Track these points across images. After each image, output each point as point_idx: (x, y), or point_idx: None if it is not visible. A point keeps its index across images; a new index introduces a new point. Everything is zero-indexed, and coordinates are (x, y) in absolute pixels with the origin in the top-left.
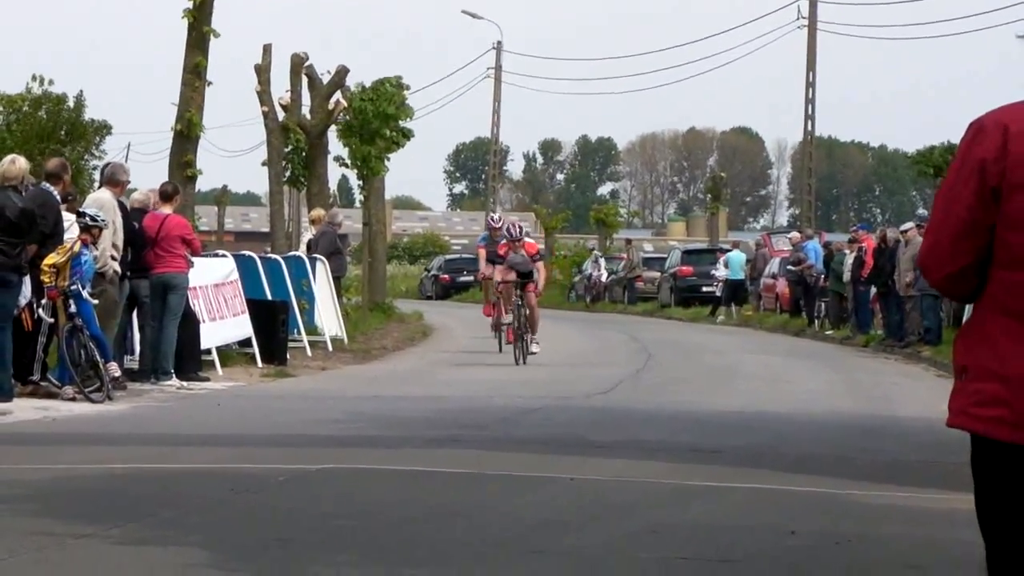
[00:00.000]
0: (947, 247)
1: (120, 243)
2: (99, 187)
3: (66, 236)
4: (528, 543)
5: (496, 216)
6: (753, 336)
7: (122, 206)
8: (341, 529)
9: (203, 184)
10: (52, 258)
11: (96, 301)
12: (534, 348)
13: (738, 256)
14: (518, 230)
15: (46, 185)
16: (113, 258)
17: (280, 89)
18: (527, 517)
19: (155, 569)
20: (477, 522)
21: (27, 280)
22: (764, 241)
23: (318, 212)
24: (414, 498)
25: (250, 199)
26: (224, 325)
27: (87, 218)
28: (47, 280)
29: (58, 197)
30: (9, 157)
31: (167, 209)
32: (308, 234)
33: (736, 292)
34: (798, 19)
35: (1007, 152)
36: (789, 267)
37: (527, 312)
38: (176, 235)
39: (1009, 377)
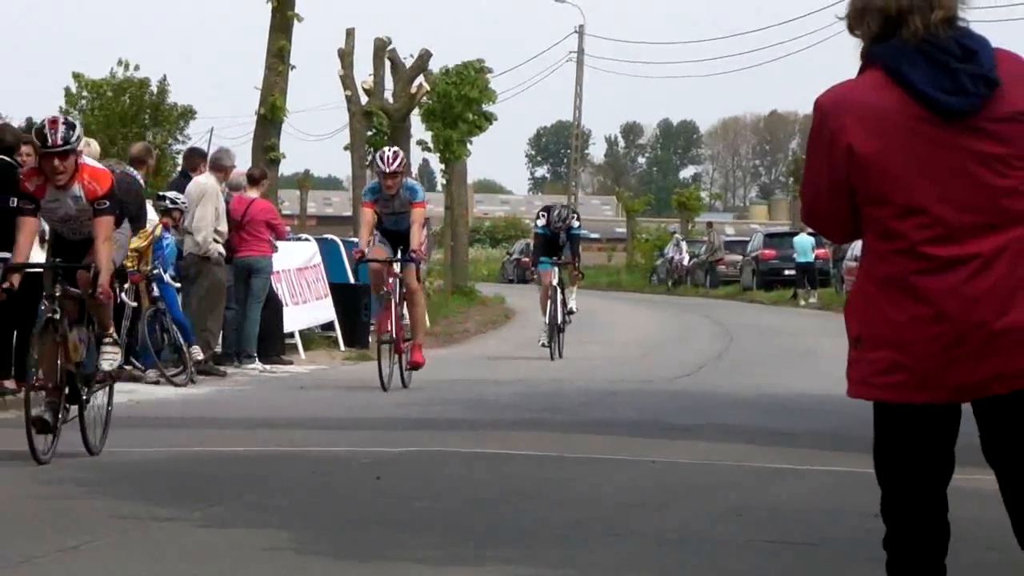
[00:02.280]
0: (821, 222)
1: (224, 228)
2: (180, 172)
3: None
4: (610, 525)
5: (390, 154)
6: (835, 320)
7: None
8: (423, 511)
9: (285, 168)
10: (134, 242)
11: (178, 285)
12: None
13: (805, 239)
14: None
15: (130, 169)
16: (216, 241)
17: (363, 73)
18: (609, 499)
19: (238, 551)
20: (559, 504)
21: None
22: None
23: None
24: (496, 480)
25: (332, 183)
26: (307, 309)
27: (167, 201)
28: (130, 265)
29: (142, 182)
30: (83, 140)
31: (253, 193)
32: None
33: (808, 274)
34: None
35: (850, 132)
36: None
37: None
38: (261, 219)
39: (903, 341)
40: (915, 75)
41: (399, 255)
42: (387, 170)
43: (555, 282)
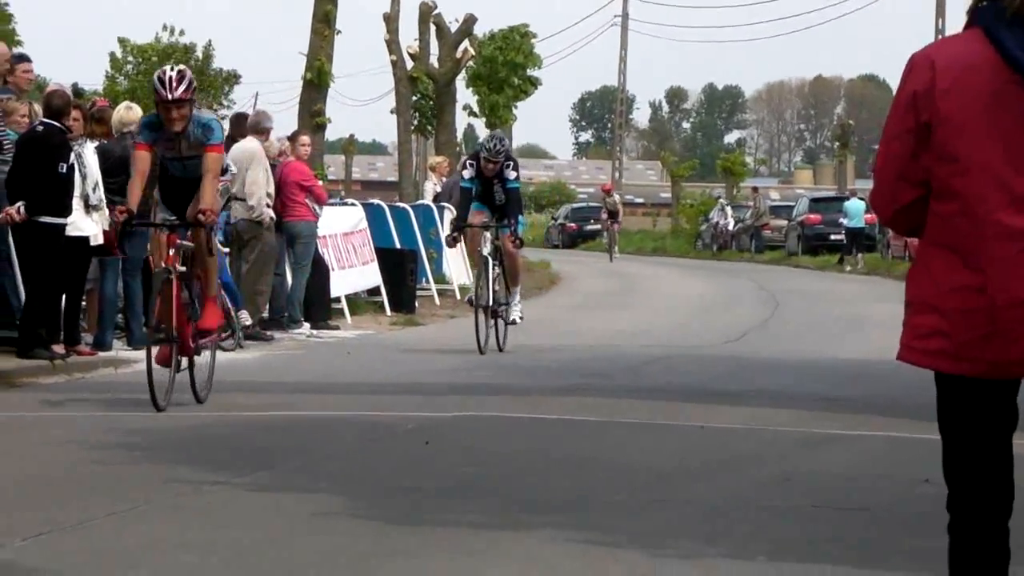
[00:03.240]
0: (891, 184)
1: (272, 191)
2: (227, 137)
3: None
4: (658, 491)
5: (173, 74)
6: (882, 284)
7: None
8: (470, 477)
9: (330, 133)
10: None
11: (226, 250)
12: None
13: (856, 204)
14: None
15: None
16: (268, 205)
17: (408, 38)
18: (657, 465)
19: (286, 516)
20: (606, 470)
21: None
22: None
23: (437, 159)
24: (543, 446)
25: (376, 148)
26: (353, 274)
27: None
28: None
29: None
30: (125, 103)
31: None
32: (429, 183)
33: (857, 240)
34: None
35: (934, 86)
36: None
37: None
38: (293, 181)
39: (945, 309)
40: (1009, 38)
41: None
42: (169, 97)
43: (487, 251)
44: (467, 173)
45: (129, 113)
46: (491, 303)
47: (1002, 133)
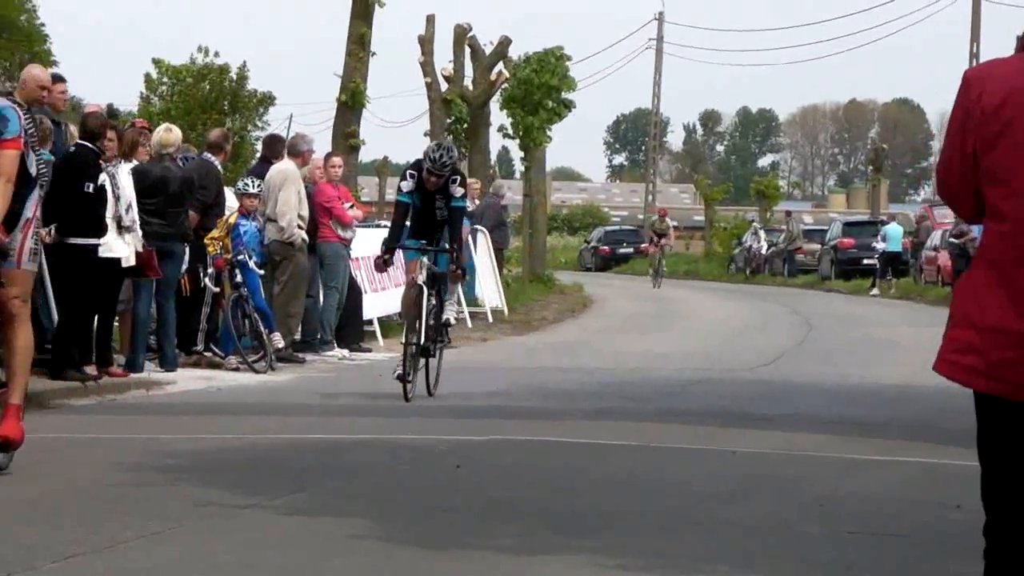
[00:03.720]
0: (953, 193)
1: (306, 212)
2: (259, 158)
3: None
4: (693, 515)
5: None
6: (914, 309)
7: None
8: (506, 500)
9: (364, 155)
10: (213, 233)
11: (262, 272)
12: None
13: (895, 228)
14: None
15: (208, 155)
16: (300, 227)
17: (443, 60)
18: (691, 489)
19: (320, 538)
20: (642, 493)
21: (186, 248)
22: (927, 213)
23: (470, 182)
24: (578, 469)
25: None
26: (386, 296)
27: (238, 187)
28: (212, 250)
29: (220, 168)
30: (164, 125)
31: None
32: None
33: (893, 264)
34: None
35: (983, 106)
36: (951, 239)
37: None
38: (318, 203)
39: (982, 326)
40: None
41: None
42: None
43: (422, 279)
44: (406, 186)
45: (169, 135)
46: (424, 340)
47: None
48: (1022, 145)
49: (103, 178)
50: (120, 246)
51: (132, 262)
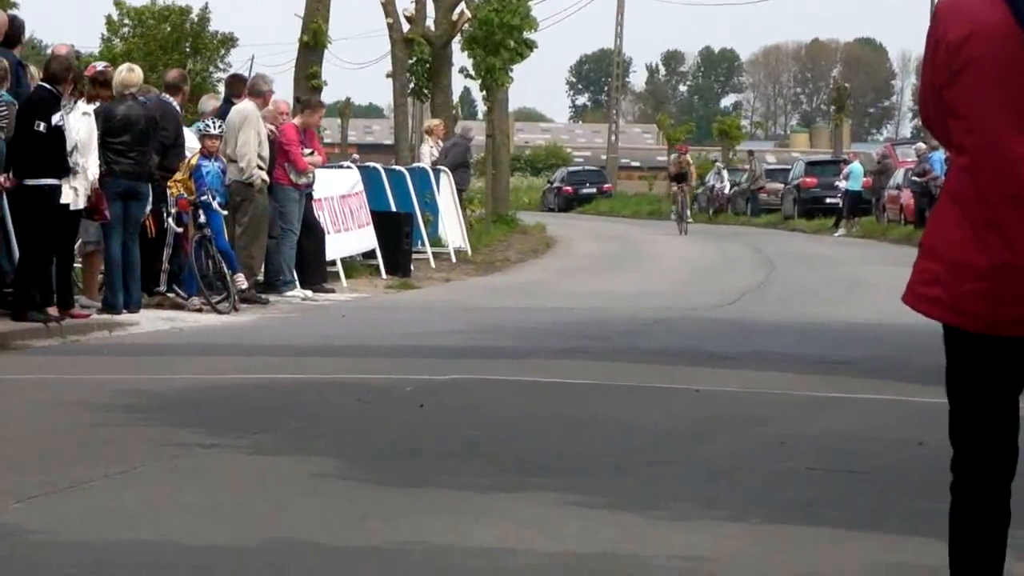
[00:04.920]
0: (929, 109)
1: (266, 153)
2: (223, 98)
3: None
4: (655, 454)
5: None
6: (877, 248)
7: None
8: (467, 439)
9: (326, 96)
10: (177, 176)
11: (225, 212)
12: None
13: (859, 167)
14: None
15: (166, 96)
16: (260, 167)
17: (405, 0)
18: (653, 428)
19: (284, 478)
20: (604, 433)
21: (149, 188)
22: (888, 152)
23: (434, 122)
24: (540, 409)
25: (372, 111)
26: (349, 236)
27: (199, 128)
28: (175, 192)
29: (178, 108)
30: (126, 65)
31: (296, 120)
32: (426, 146)
33: (855, 203)
34: None
35: (947, 40)
36: (914, 178)
37: None
38: (279, 142)
39: (946, 259)
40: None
41: None
42: None
43: None
44: None
45: (131, 75)
46: None
47: (1009, 94)
48: (982, 80)
49: (57, 119)
50: (65, 190)
51: (80, 205)
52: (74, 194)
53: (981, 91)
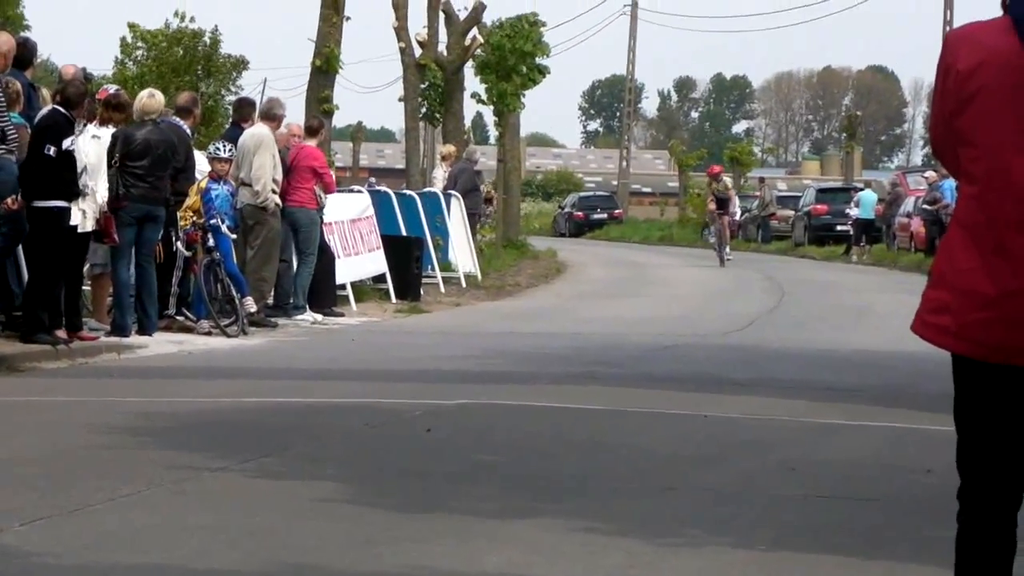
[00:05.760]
0: (941, 146)
1: (280, 176)
2: (231, 122)
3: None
4: (664, 479)
5: None
6: (888, 275)
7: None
8: (478, 463)
9: (338, 120)
10: (187, 202)
11: (234, 236)
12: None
13: (870, 195)
14: None
15: (177, 119)
16: (274, 191)
17: (417, 25)
18: (663, 453)
19: (292, 502)
20: (613, 457)
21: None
22: (899, 180)
23: (449, 148)
24: (550, 434)
25: (384, 135)
26: (359, 261)
27: (210, 152)
28: (184, 223)
29: (188, 131)
30: (147, 91)
31: (311, 143)
32: (439, 170)
33: (866, 231)
34: None
35: (958, 68)
36: (924, 206)
37: None
38: (306, 166)
39: (954, 287)
40: None
41: None
42: None
43: None
44: None
45: (152, 101)
46: None
47: (1017, 124)
48: (992, 108)
49: (68, 143)
50: (73, 212)
51: (88, 227)
52: (82, 216)
53: (991, 119)
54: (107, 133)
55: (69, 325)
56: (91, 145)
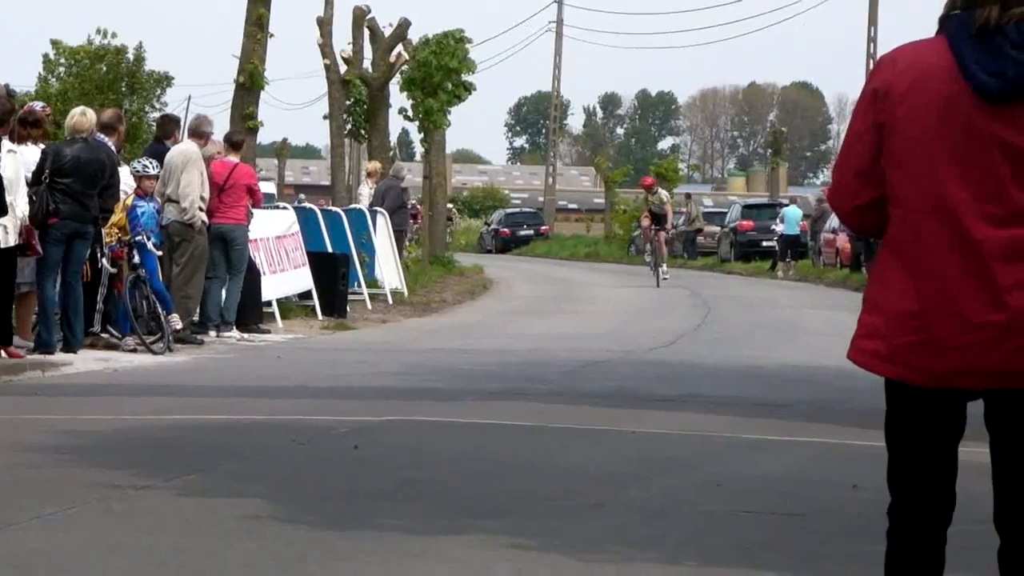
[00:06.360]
0: (849, 182)
1: (207, 194)
2: (154, 138)
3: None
4: (591, 496)
5: None
6: (814, 291)
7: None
8: (403, 480)
9: (263, 137)
10: (113, 219)
11: (160, 253)
12: None
13: (794, 211)
14: None
15: (101, 136)
16: (201, 209)
17: (342, 42)
18: (590, 470)
19: (218, 520)
20: (541, 474)
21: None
22: (825, 196)
23: (374, 164)
24: (477, 451)
25: (309, 152)
26: (285, 277)
27: (136, 169)
28: (109, 240)
29: (113, 148)
30: (80, 108)
31: (235, 158)
32: (364, 187)
33: (792, 247)
34: None
35: (892, 88)
36: None
37: None
38: (243, 184)
39: (887, 311)
40: (966, 49)
41: None
42: None
43: None
44: None
45: (83, 119)
46: None
47: (950, 146)
48: (924, 128)
49: None
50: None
51: (11, 243)
52: (3, 232)
53: (923, 139)
54: (27, 149)
55: (1, 340)
56: (7, 160)
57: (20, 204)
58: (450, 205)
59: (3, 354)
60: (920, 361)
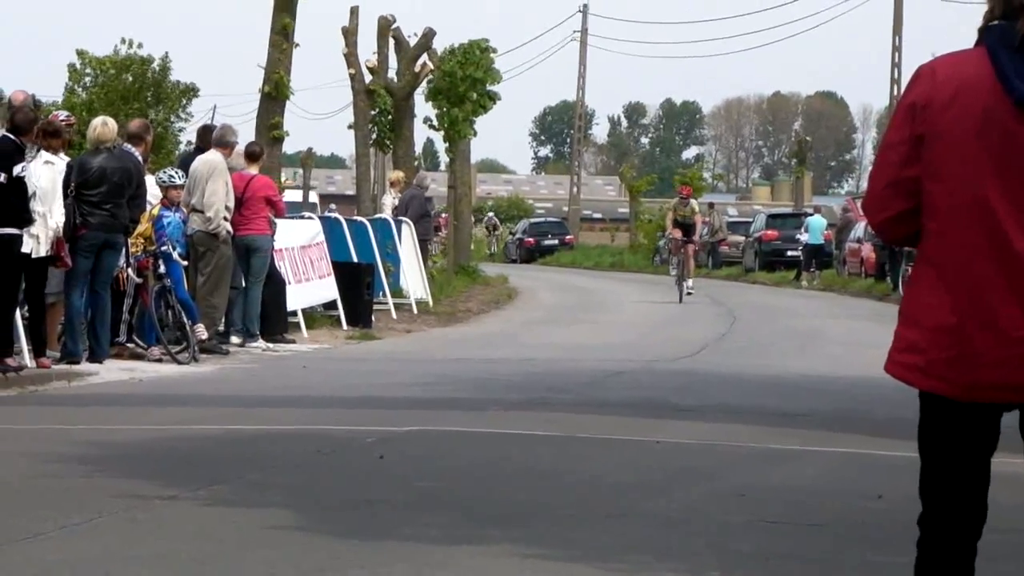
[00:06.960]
0: (881, 192)
1: (232, 204)
2: (194, 148)
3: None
4: (614, 505)
5: None
6: (838, 300)
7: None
8: (429, 490)
9: (288, 146)
10: (139, 230)
11: (186, 263)
12: None
13: (818, 221)
14: None
15: (128, 146)
16: (225, 219)
17: (367, 51)
18: (613, 480)
19: (242, 530)
20: (564, 484)
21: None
22: (849, 206)
23: (397, 174)
24: (501, 460)
25: (335, 162)
26: (310, 287)
27: (162, 179)
28: (135, 251)
29: (140, 158)
30: (100, 119)
31: (253, 170)
32: (388, 197)
33: (816, 256)
34: None
35: (932, 99)
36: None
37: None
38: (261, 196)
39: (924, 325)
40: (1006, 60)
41: None
42: None
43: None
44: None
45: (105, 129)
46: None
47: (989, 156)
48: (961, 140)
49: (18, 169)
50: (25, 238)
51: (41, 253)
52: (35, 242)
53: (963, 150)
54: (60, 160)
55: (35, 351)
56: (43, 170)
57: (55, 214)
58: (491, 214)
59: (34, 363)
60: (957, 375)
